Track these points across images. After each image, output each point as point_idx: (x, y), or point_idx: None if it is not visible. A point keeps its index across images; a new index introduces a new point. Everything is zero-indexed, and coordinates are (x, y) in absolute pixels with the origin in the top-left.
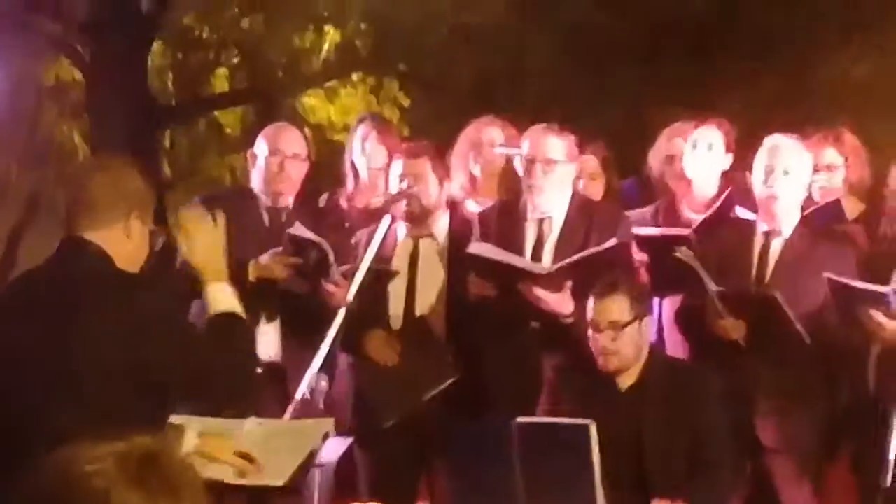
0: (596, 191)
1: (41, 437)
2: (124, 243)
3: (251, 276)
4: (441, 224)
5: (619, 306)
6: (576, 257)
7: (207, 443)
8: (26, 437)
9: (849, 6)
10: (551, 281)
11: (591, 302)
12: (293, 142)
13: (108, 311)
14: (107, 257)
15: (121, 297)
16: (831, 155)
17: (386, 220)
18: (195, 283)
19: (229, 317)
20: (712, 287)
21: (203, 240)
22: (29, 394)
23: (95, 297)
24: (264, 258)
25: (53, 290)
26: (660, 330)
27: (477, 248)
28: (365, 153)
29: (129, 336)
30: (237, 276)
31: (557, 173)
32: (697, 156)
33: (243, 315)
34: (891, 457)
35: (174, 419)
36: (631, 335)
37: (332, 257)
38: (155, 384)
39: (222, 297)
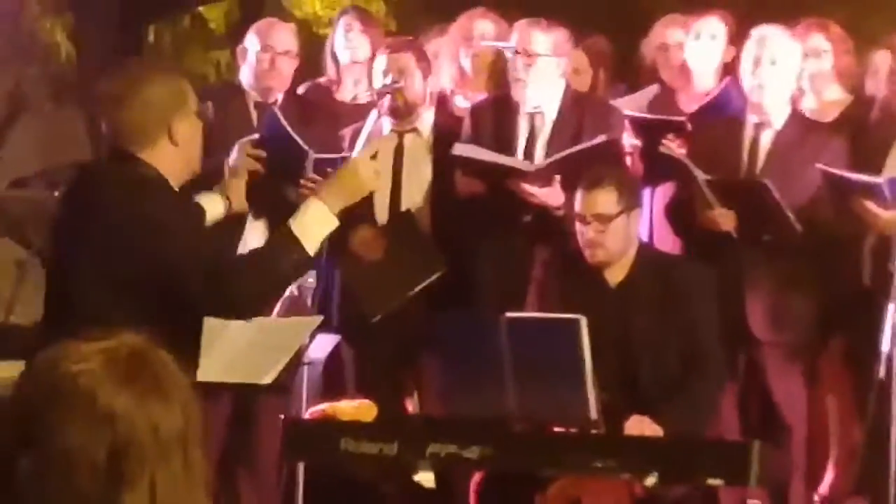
0: (581, 86)
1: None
2: (173, 153)
3: (226, 174)
4: (426, 119)
5: (606, 198)
6: (564, 153)
7: None
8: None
9: None
10: (540, 176)
11: (578, 194)
12: (284, 38)
13: (155, 217)
14: (158, 174)
15: (164, 203)
16: (818, 40)
17: (373, 114)
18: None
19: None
20: (701, 176)
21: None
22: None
23: (142, 204)
24: (233, 153)
25: (97, 202)
26: (650, 224)
27: (461, 149)
28: (349, 45)
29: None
30: (216, 174)
31: (542, 67)
32: (700, 47)
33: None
34: (884, 349)
35: None
36: (618, 228)
37: (311, 156)
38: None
39: (322, 222)
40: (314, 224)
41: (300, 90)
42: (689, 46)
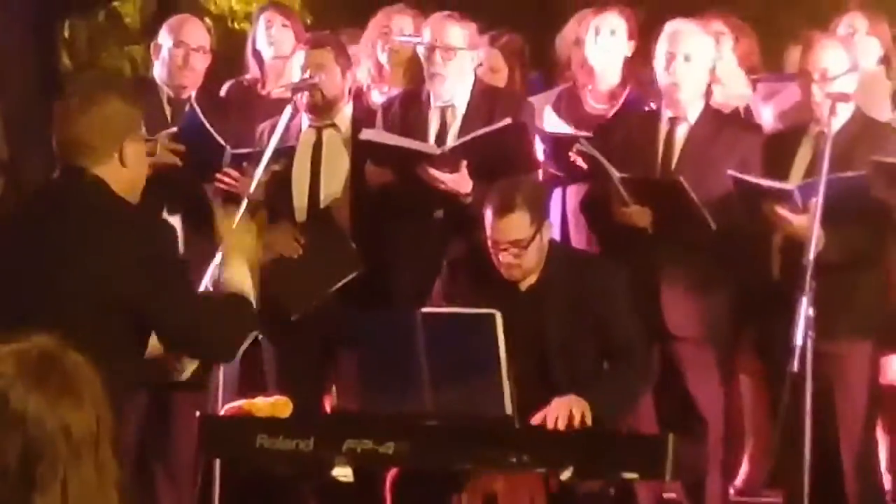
0: (497, 83)
1: None
2: (121, 172)
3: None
4: (344, 114)
5: (518, 223)
6: (469, 136)
7: None
8: None
9: None
10: (447, 161)
11: (489, 218)
12: (197, 34)
13: (107, 242)
14: (107, 188)
15: (122, 230)
16: (718, 26)
17: (288, 110)
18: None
19: (242, 298)
20: (615, 174)
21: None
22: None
23: (96, 226)
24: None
25: (53, 216)
26: (563, 221)
27: (368, 134)
28: (271, 40)
29: (123, 271)
30: None
31: (458, 61)
32: (600, 43)
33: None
34: (797, 342)
35: None
36: (533, 247)
37: (228, 151)
38: (136, 324)
39: (243, 278)
40: (244, 280)
41: (223, 90)
42: (589, 43)
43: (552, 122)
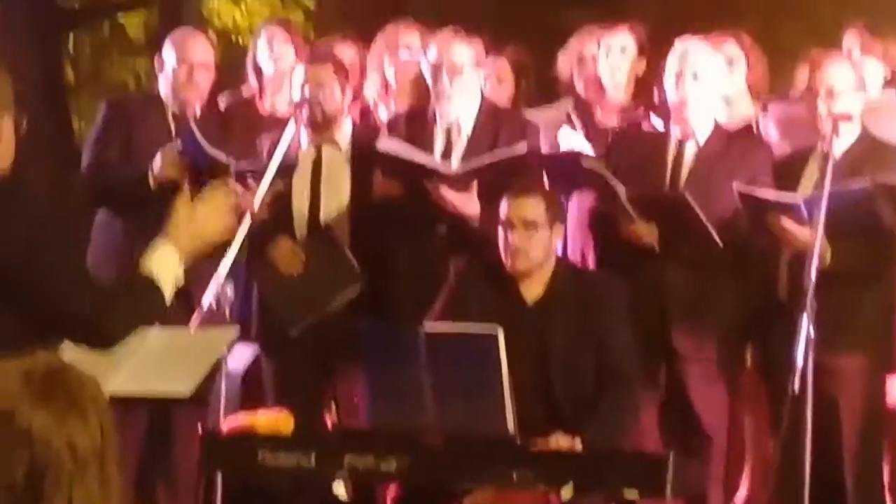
0: (503, 94)
1: None
2: None
3: (152, 184)
4: (344, 131)
5: (534, 206)
6: (484, 158)
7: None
8: None
9: None
10: (458, 182)
11: (504, 201)
12: (201, 50)
13: None
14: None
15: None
16: (732, 49)
17: (290, 127)
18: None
19: (153, 284)
20: (622, 190)
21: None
22: None
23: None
24: (157, 159)
25: None
26: (563, 236)
27: (385, 144)
28: (272, 55)
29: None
30: (141, 183)
31: (464, 79)
32: (611, 61)
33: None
34: (798, 362)
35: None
36: (542, 237)
37: (232, 168)
38: (32, 307)
39: (161, 266)
40: (160, 268)
41: (221, 102)
42: (601, 60)
43: (567, 138)
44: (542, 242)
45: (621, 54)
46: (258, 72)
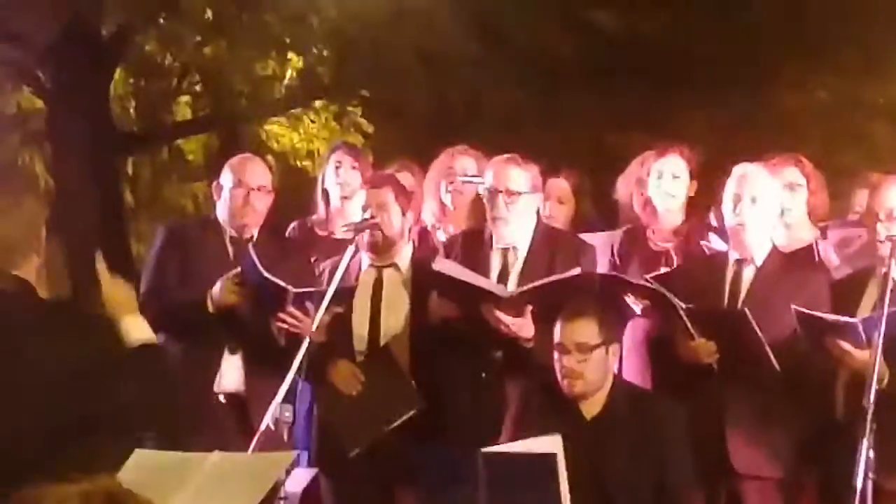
0: (564, 215)
1: None
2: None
3: (211, 308)
4: (404, 254)
5: (587, 328)
6: (539, 282)
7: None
8: None
9: (805, 30)
10: (513, 305)
11: (558, 324)
12: (258, 174)
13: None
14: (30, 286)
15: (45, 332)
16: (793, 174)
17: (349, 250)
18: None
19: (147, 347)
20: (681, 305)
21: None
22: None
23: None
24: (217, 285)
25: None
26: (620, 356)
27: (441, 265)
28: (339, 180)
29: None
30: (199, 308)
31: (521, 204)
32: (663, 186)
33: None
34: (857, 484)
35: (138, 455)
36: (598, 359)
37: (291, 291)
38: (86, 420)
39: (137, 328)
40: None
41: (288, 230)
42: (652, 185)
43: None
44: (597, 364)
45: (673, 180)
46: (325, 198)
